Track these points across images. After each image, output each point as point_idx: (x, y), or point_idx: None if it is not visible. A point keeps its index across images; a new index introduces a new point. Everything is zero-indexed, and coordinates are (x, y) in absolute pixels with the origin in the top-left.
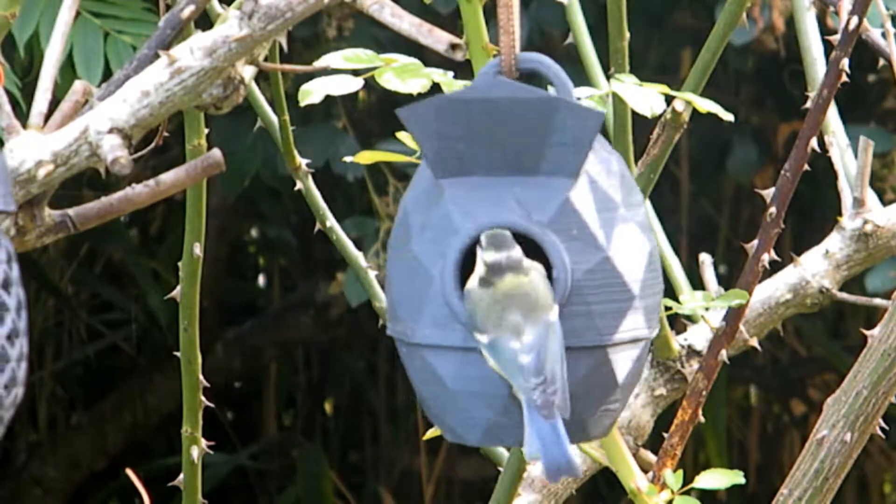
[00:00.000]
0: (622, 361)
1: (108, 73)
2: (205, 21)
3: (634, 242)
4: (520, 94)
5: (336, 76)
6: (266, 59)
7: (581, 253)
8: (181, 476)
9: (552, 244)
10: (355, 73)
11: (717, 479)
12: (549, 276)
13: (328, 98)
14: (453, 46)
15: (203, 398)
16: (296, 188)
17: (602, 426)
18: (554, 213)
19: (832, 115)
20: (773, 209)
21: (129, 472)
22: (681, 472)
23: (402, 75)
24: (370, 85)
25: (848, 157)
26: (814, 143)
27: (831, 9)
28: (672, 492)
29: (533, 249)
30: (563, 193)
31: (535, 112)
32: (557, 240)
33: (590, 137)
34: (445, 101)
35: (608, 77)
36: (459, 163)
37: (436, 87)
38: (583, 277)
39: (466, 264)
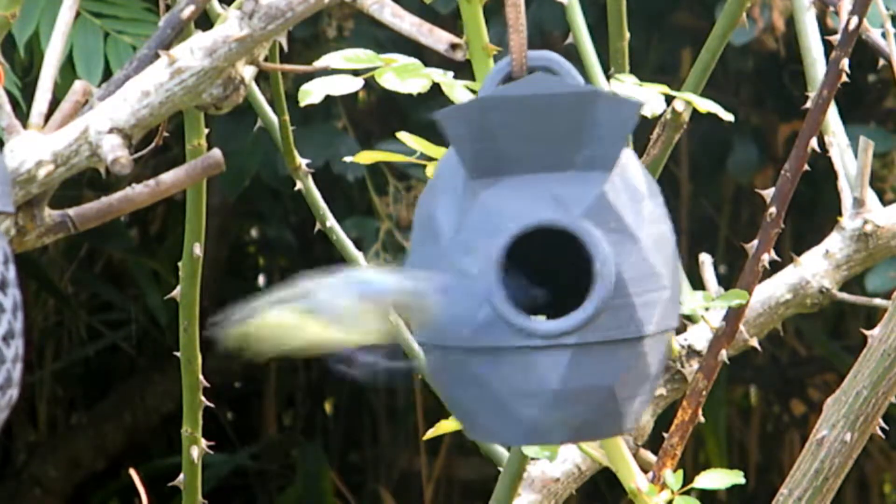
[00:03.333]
0: (656, 352)
1: (108, 73)
2: (205, 21)
3: (661, 233)
4: (558, 89)
5: (336, 76)
6: (266, 59)
7: (620, 245)
8: (181, 476)
9: (593, 238)
10: (355, 73)
11: (717, 479)
12: (589, 271)
13: (328, 98)
14: (453, 46)
15: (203, 398)
16: (296, 188)
17: (635, 418)
18: (591, 206)
19: (832, 115)
20: (773, 209)
21: (129, 472)
22: (681, 472)
23: (402, 75)
24: (370, 85)
25: (848, 157)
26: (814, 143)
27: (831, 9)
28: (672, 492)
29: (567, 245)
30: (598, 187)
31: (575, 106)
32: (598, 233)
33: (627, 128)
34: (484, 102)
35: (608, 77)
36: (496, 162)
37: (436, 88)
38: (623, 269)
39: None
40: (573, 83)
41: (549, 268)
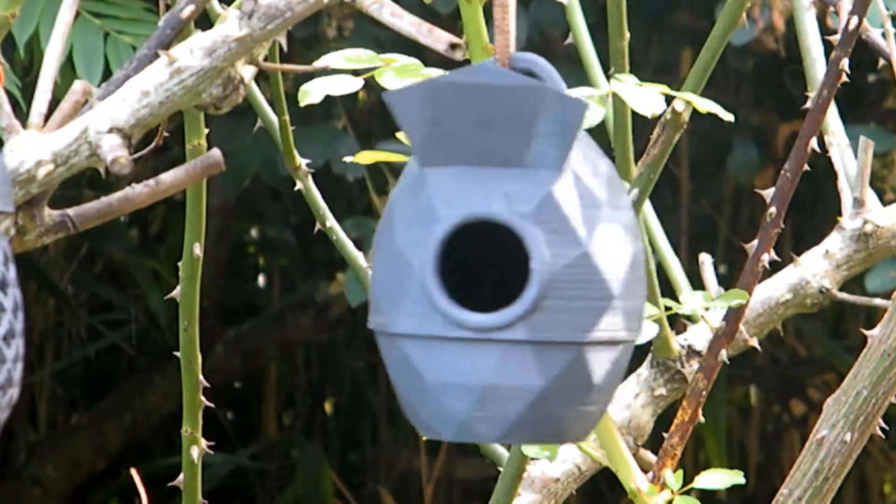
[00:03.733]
0: (599, 362)
1: (108, 73)
2: (205, 21)
3: (617, 242)
4: (508, 81)
5: (336, 76)
6: (266, 59)
7: (560, 246)
8: (181, 476)
9: (532, 236)
10: (355, 73)
11: (717, 479)
12: (528, 268)
13: (328, 98)
14: (453, 46)
15: (203, 398)
16: (296, 188)
17: (578, 428)
18: (536, 205)
19: (832, 115)
20: (773, 209)
21: (130, 472)
22: (681, 472)
23: (402, 75)
24: (370, 85)
25: (848, 157)
26: (814, 143)
27: (831, 9)
28: (672, 492)
29: (514, 241)
30: (546, 186)
31: (522, 99)
32: (538, 232)
33: (574, 128)
34: (433, 85)
35: (608, 77)
36: (444, 151)
37: None
38: (561, 271)
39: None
40: (525, 77)
41: (496, 262)
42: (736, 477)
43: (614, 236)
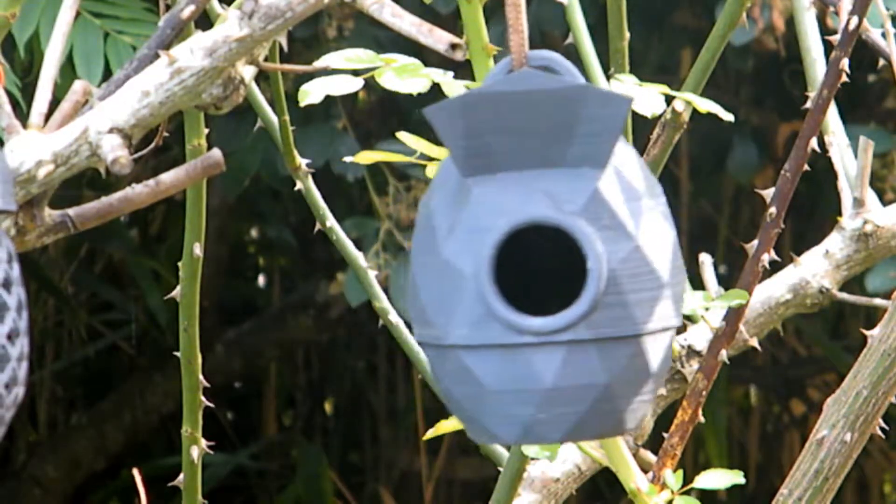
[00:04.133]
0: (655, 350)
1: (108, 73)
2: (205, 21)
3: (660, 231)
4: (548, 85)
5: (336, 76)
6: (266, 59)
7: (613, 242)
8: (181, 476)
9: (585, 235)
10: (355, 73)
11: (717, 479)
12: (583, 267)
13: (328, 98)
14: (453, 46)
15: (203, 398)
16: (296, 188)
17: (636, 418)
18: (584, 203)
19: (832, 115)
20: (773, 209)
21: (129, 471)
22: (681, 472)
23: (402, 75)
24: (370, 85)
25: (848, 157)
26: (814, 143)
27: (831, 9)
28: (672, 492)
29: (560, 242)
30: (592, 183)
31: (564, 102)
32: (590, 230)
33: (619, 125)
34: (474, 96)
35: (608, 77)
36: (487, 160)
37: (436, 88)
38: (616, 267)
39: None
40: (563, 79)
41: (546, 264)
42: (736, 477)
43: (657, 225)
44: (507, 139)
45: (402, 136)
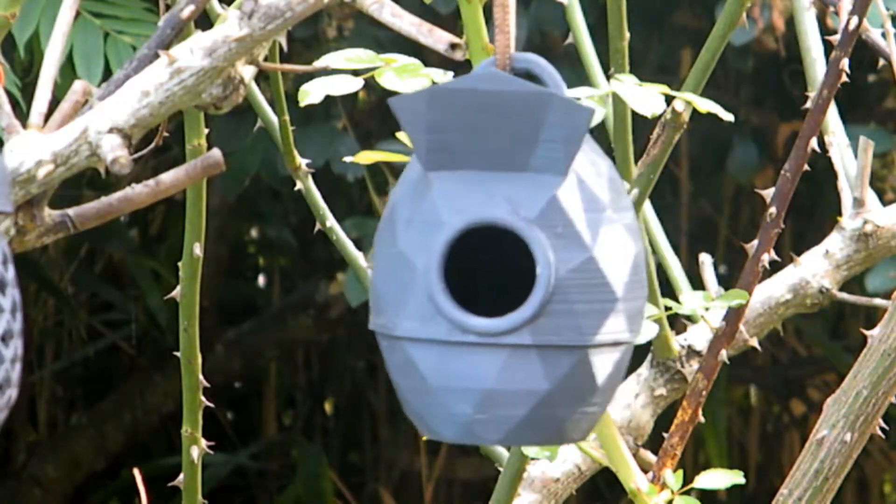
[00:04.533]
0: (602, 364)
1: (108, 73)
2: (205, 21)
3: (620, 245)
4: (512, 88)
5: (336, 76)
6: (266, 59)
7: (566, 251)
8: (181, 476)
9: (537, 241)
10: (355, 73)
11: (717, 479)
12: (531, 272)
13: (328, 98)
14: (453, 46)
15: (203, 398)
16: (296, 188)
17: (580, 429)
18: (541, 209)
19: (832, 115)
20: (773, 209)
21: (130, 471)
22: (681, 472)
23: (402, 75)
24: (370, 85)
25: (848, 157)
26: (814, 143)
27: (831, 9)
28: (672, 492)
29: (518, 247)
30: (551, 191)
31: (527, 106)
32: (543, 237)
33: (580, 134)
34: (438, 91)
35: (608, 77)
36: (449, 156)
37: None
38: (566, 276)
39: (452, 259)
40: (529, 83)
41: (503, 266)
42: (736, 477)
43: (617, 239)
44: (471, 137)
45: (403, 136)
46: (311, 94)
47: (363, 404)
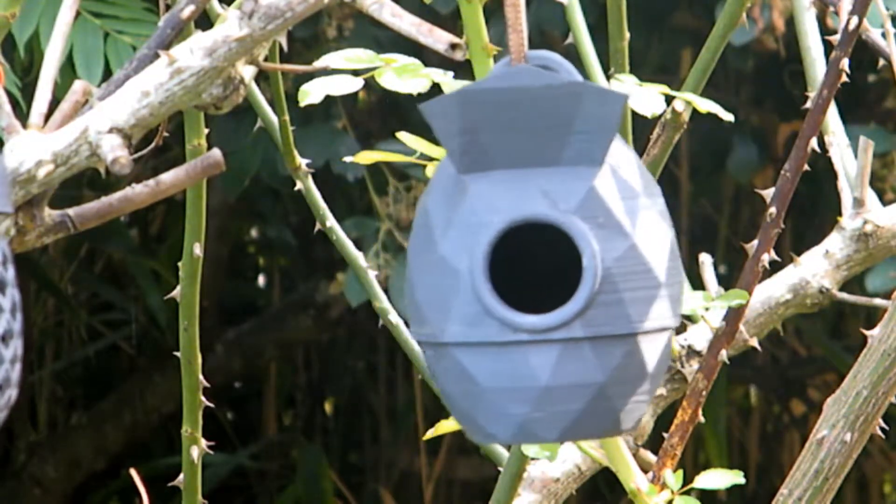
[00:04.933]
0: (652, 350)
1: (108, 73)
2: (205, 21)
3: (657, 230)
4: (543, 81)
5: (336, 76)
6: (266, 59)
7: (609, 241)
8: (181, 476)
9: (580, 232)
10: (355, 73)
11: (717, 479)
12: (579, 265)
13: (328, 98)
14: (453, 46)
15: (203, 398)
16: (296, 188)
17: (633, 418)
18: (580, 201)
19: (832, 115)
20: (773, 209)
21: (130, 472)
22: (681, 472)
23: (402, 75)
24: (370, 85)
25: (848, 157)
26: (814, 143)
27: (831, 9)
28: (672, 492)
29: (558, 240)
30: (588, 182)
31: (560, 99)
32: (586, 228)
33: (614, 122)
34: (468, 92)
35: (608, 77)
36: (483, 157)
37: (436, 88)
38: (612, 265)
39: (495, 259)
40: (559, 76)
41: (543, 262)
42: (736, 477)
43: (654, 224)
44: (504, 136)
45: (402, 136)
46: (311, 94)
47: (363, 404)
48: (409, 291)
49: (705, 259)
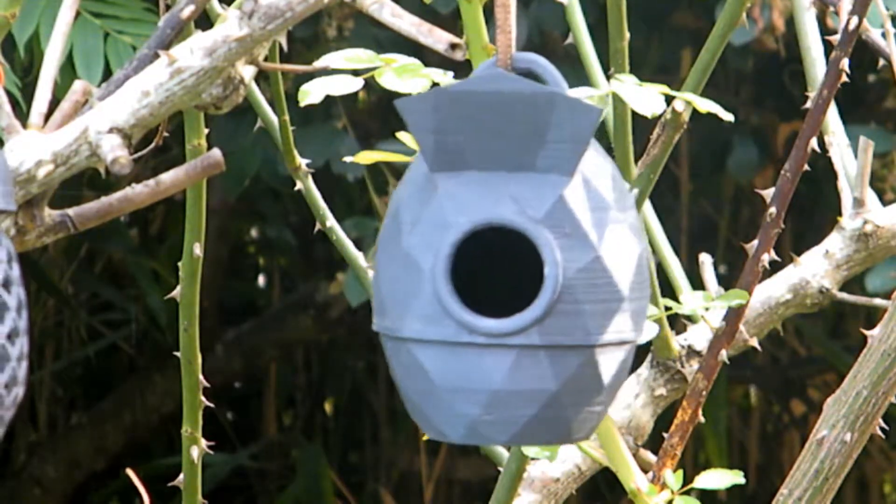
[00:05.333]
0: (608, 363)
1: (108, 73)
2: (205, 21)
3: (625, 244)
4: (519, 88)
5: (336, 76)
6: (266, 59)
7: (573, 251)
8: (181, 476)
9: (545, 241)
10: (355, 73)
11: (717, 479)
12: (541, 273)
13: (328, 98)
14: (453, 46)
15: (203, 398)
16: (296, 188)
17: (585, 428)
18: (548, 209)
19: (832, 115)
20: (773, 209)
21: (128, 472)
22: (681, 472)
23: (402, 75)
24: (370, 85)
25: (848, 157)
26: (814, 143)
27: (831, 9)
28: (672, 492)
29: (525, 246)
30: (557, 191)
31: (534, 107)
32: (550, 237)
33: (587, 134)
34: (444, 92)
35: (608, 77)
36: (455, 157)
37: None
38: (574, 276)
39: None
40: (535, 84)
41: (509, 266)
42: (736, 477)
43: (622, 238)
44: (478, 138)
45: (403, 136)
46: (311, 94)
47: (363, 404)
48: (374, 283)
49: (705, 259)
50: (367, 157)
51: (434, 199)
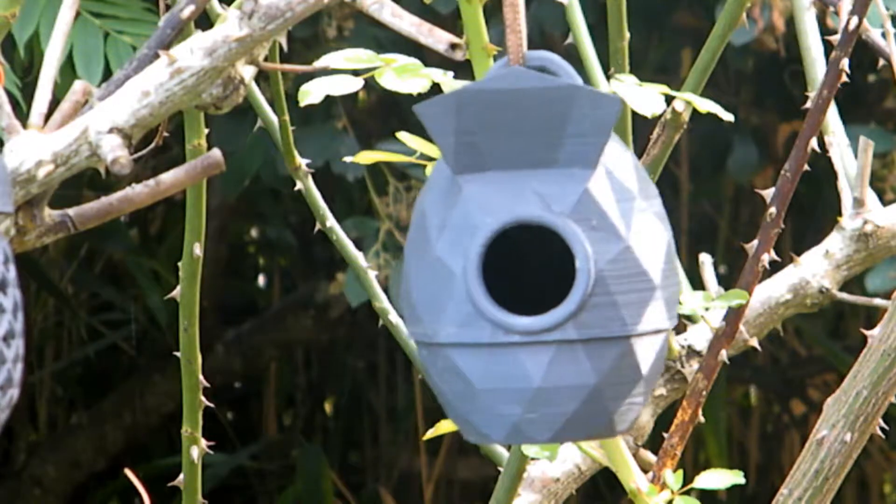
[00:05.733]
0: (646, 353)
1: (108, 73)
2: (205, 21)
3: (653, 232)
4: (537, 84)
5: (336, 76)
6: (266, 59)
7: (602, 243)
8: (181, 476)
9: (574, 235)
10: (355, 73)
11: (717, 479)
12: (573, 267)
13: (328, 98)
14: (453, 46)
15: (203, 398)
16: (296, 188)
17: (627, 420)
18: (574, 203)
19: (832, 115)
20: (773, 209)
21: (128, 472)
22: (681, 472)
23: (402, 75)
24: (370, 85)
25: (848, 157)
26: (814, 143)
27: (831, 9)
28: (672, 492)
29: (552, 242)
30: (582, 184)
31: (553, 101)
32: (579, 230)
33: (608, 125)
34: (464, 93)
35: (608, 77)
36: (477, 157)
37: (436, 87)
38: (605, 268)
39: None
40: (554, 78)
41: (538, 263)
42: (736, 477)
43: (649, 227)
44: (498, 137)
45: (402, 136)
46: (311, 94)
47: (363, 404)
48: (404, 291)
49: (705, 259)
50: (367, 157)
51: (459, 202)
